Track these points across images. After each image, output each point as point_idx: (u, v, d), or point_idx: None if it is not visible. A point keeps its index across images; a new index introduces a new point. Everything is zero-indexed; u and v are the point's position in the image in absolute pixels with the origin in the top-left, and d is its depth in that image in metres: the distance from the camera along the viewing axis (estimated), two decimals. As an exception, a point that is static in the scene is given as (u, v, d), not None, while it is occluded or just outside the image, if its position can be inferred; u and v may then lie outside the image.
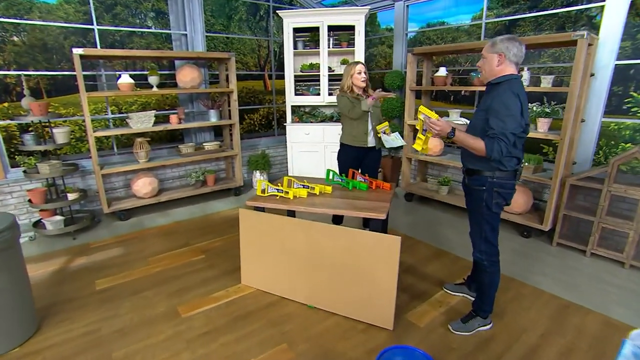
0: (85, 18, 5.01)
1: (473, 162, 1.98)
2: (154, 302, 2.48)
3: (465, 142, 1.85)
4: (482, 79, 1.97)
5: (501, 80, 1.85)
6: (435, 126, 1.88)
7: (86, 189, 4.01)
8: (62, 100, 5.11)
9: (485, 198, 1.96)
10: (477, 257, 2.12)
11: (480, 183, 1.97)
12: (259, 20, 6.53)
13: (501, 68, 1.85)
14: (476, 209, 2.04)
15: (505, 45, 1.82)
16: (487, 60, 1.89)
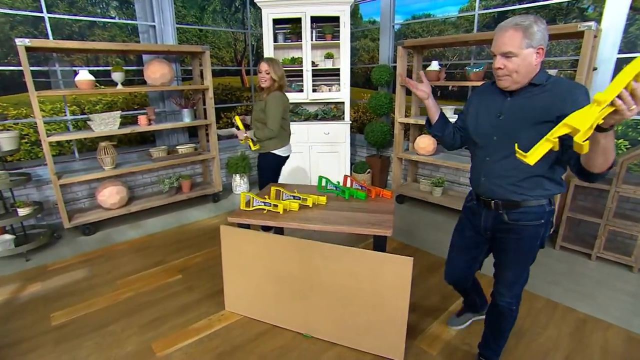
0: (35, 5, 4.46)
1: (518, 190, 1.46)
2: (123, 339, 2.11)
3: (610, 144, 1.14)
4: (508, 83, 1.39)
5: (546, 77, 1.37)
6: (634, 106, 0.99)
7: (42, 201, 3.54)
8: (11, 99, 4.55)
9: (542, 234, 1.53)
10: (507, 303, 1.64)
11: (536, 217, 1.49)
12: (234, 11, 6.11)
13: (537, 66, 1.37)
14: (526, 251, 1.56)
15: (543, 35, 1.32)
16: (520, 59, 1.33)
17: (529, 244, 1.53)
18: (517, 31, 1.30)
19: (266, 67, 2.78)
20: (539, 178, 1.43)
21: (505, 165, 1.46)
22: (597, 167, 1.20)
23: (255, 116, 2.92)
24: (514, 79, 1.37)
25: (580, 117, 0.99)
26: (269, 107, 2.79)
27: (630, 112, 0.97)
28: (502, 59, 1.36)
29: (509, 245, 1.57)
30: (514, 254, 1.57)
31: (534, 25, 1.30)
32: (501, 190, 1.49)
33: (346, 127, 4.33)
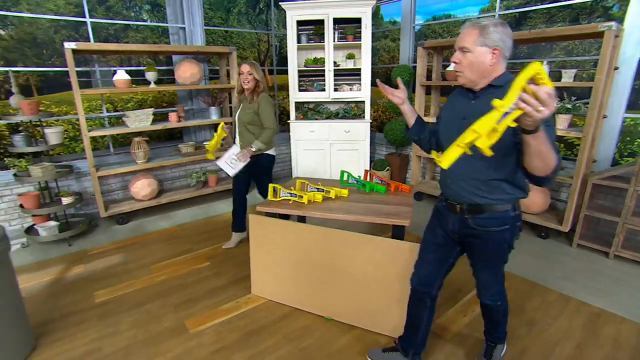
0: (76, 11, 4.77)
1: (482, 193, 1.45)
2: (159, 316, 2.31)
3: (543, 147, 1.16)
4: (462, 80, 1.43)
5: (505, 81, 1.37)
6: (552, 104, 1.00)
7: (82, 191, 3.81)
8: (54, 97, 4.87)
9: (509, 238, 1.53)
10: (490, 300, 1.69)
11: (500, 223, 1.49)
12: (258, 13, 6.31)
13: (494, 67, 1.37)
14: (492, 254, 1.59)
15: (500, 37, 1.34)
16: (474, 55, 1.36)
17: (495, 248, 1.56)
18: (475, 29, 1.36)
19: (248, 69, 2.77)
20: (499, 182, 1.43)
21: (467, 167, 1.44)
22: (538, 171, 1.24)
23: (247, 119, 2.85)
24: (467, 76, 1.41)
25: (482, 122, 1.04)
26: (264, 108, 2.83)
27: (540, 113, 1.00)
28: (459, 54, 1.41)
29: (476, 250, 1.61)
30: (482, 258, 1.62)
31: (491, 26, 1.34)
32: (464, 193, 1.49)
33: (366, 125, 4.45)
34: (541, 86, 0.99)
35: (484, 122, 1.04)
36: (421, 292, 1.75)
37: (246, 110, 2.86)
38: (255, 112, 2.84)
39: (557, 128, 3.15)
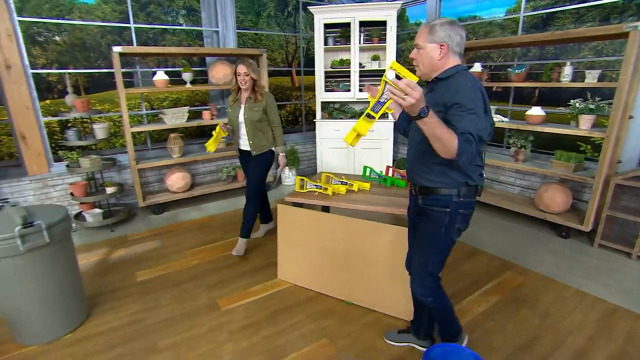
0: (121, 17, 5.12)
1: (430, 177, 1.58)
2: (194, 295, 2.54)
3: (436, 129, 1.29)
4: (419, 74, 1.56)
5: (452, 73, 1.50)
6: (413, 92, 1.20)
7: (122, 183, 4.13)
8: (98, 97, 5.28)
9: (447, 223, 1.60)
10: (418, 293, 1.73)
11: (443, 204, 1.58)
12: (287, 16, 6.53)
13: (443, 61, 1.51)
14: (431, 236, 1.65)
15: (447, 33, 1.47)
16: (425, 51, 1.51)
17: (432, 227, 1.63)
18: (426, 28, 1.51)
19: (245, 70, 2.74)
20: (442, 166, 1.53)
21: (416, 152, 1.61)
22: (443, 153, 1.35)
23: (257, 117, 2.86)
24: (421, 69, 1.56)
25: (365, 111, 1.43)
26: (272, 106, 2.91)
27: (405, 101, 1.22)
28: (415, 50, 1.55)
29: (418, 227, 1.71)
30: (420, 237, 1.71)
31: (438, 25, 1.48)
32: (416, 176, 1.63)
33: (390, 125, 4.57)
34: (402, 79, 1.24)
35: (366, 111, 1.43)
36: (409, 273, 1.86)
37: (254, 109, 2.86)
38: (263, 109, 2.88)
39: (581, 128, 3.19)
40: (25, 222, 1.87)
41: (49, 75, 4.75)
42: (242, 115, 2.89)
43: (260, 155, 2.99)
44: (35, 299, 2.01)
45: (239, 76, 2.78)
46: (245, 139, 2.96)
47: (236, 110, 2.92)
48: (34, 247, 1.90)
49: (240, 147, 3.05)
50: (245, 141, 2.97)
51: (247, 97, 2.86)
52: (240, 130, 2.96)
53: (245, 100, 2.87)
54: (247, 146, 2.97)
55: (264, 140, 2.98)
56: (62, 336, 2.14)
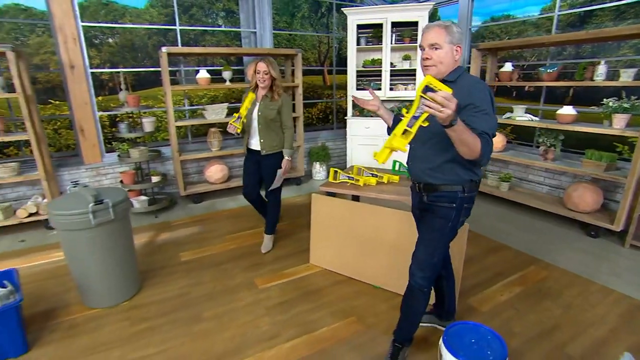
0: (166, 19, 5.48)
1: (435, 174, 1.64)
2: (233, 274, 2.77)
3: (465, 135, 1.35)
4: (434, 73, 1.56)
5: (459, 74, 1.58)
6: (451, 104, 1.22)
7: (165, 173, 4.46)
8: (142, 93, 5.66)
9: (453, 217, 1.67)
10: (418, 284, 1.75)
11: (449, 200, 1.65)
12: (320, 17, 6.73)
13: (456, 62, 1.59)
14: (437, 230, 1.71)
15: (459, 37, 1.56)
16: (445, 51, 1.55)
17: (439, 223, 1.69)
18: (441, 28, 1.54)
19: (265, 68, 2.69)
20: (452, 164, 1.59)
21: (424, 151, 1.65)
22: (467, 155, 1.41)
23: (271, 116, 2.80)
24: (438, 69, 1.57)
25: (398, 126, 1.38)
26: (287, 107, 2.86)
27: (443, 113, 1.22)
28: (430, 50, 1.56)
29: (424, 221, 1.77)
30: (426, 231, 1.75)
31: (453, 26, 1.54)
32: (421, 174, 1.68)
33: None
34: (438, 92, 1.24)
35: (398, 127, 1.38)
36: None
37: (269, 107, 2.79)
38: (278, 109, 2.82)
39: (614, 127, 3.19)
40: (97, 200, 2.15)
41: (101, 74, 5.16)
42: (256, 112, 2.81)
43: (272, 156, 2.90)
44: (101, 268, 2.30)
45: (258, 74, 2.72)
46: (256, 138, 2.87)
47: (252, 107, 2.82)
48: (102, 222, 2.19)
49: (251, 146, 2.93)
50: (256, 140, 2.87)
51: (264, 95, 2.81)
52: (252, 128, 2.87)
53: (262, 97, 2.81)
54: (258, 145, 2.87)
55: (276, 141, 2.89)
56: (120, 303, 2.43)
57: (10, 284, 2.06)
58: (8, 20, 4.52)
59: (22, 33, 4.87)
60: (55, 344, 2.09)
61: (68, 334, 2.17)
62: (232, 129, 2.71)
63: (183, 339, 2.11)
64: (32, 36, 4.94)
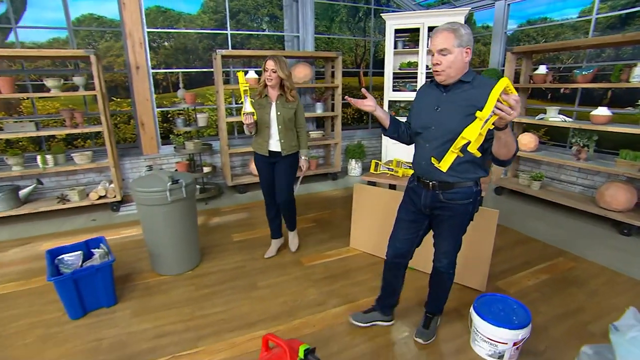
0: (216, 24, 5.93)
1: (452, 172, 1.66)
2: (282, 254, 3.10)
3: (509, 138, 1.44)
4: (443, 77, 1.61)
5: (474, 75, 1.63)
6: (518, 105, 1.28)
7: (214, 165, 4.88)
8: (192, 92, 6.11)
9: (471, 210, 1.79)
10: (445, 268, 1.93)
11: (465, 197, 1.74)
12: (358, 21, 7.02)
13: (467, 64, 1.62)
14: (457, 224, 1.82)
15: (469, 38, 1.57)
16: (454, 55, 1.56)
17: (460, 219, 1.80)
18: (450, 33, 1.55)
19: (272, 66, 2.56)
20: (470, 164, 1.68)
21: (443, 151, 1.51)
22: (503, 156, 1.52)
23: (289, 116, 2.72)
24: (448, 74, 1.60)
25: (470, 130, 1.30)
26: (301, 108, 2.82)
27: (511, 116, 1.27)
28: (439, 56, 1.58)
29: (444, 220, 1.83)
30: (448, 228, 1.83)
31: (461, 29, 1.55)
32: (439, 172, 1.61)
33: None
34: (511, 95, 1.25)
35: (472, 130, 1.31)
36: (396, 262, 2.05)
37: (287, 107, 2.71)
38: (295, 110, 2.76)
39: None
40: (173, 181, 2.54)
41: (156, 74, 5.67)
42: (275, 112, 2.69)
43: (291, 157, 2.82)
44: (171, 240, 2.68)
45: (265, 72, 2.59)
46: (275, 139, 2.75)
47: (266, 107, 2.70)
48: (175, 200, 2.57)
49: (270, 147, 2.78)
50: (276, 141, 2.75)
51: (278, 94, 2.70)
52: (271, 129, 2.73)
53: (277, 97, 2.70)
54: (277, 146, 2.76)
55: (294, 141, 2.82)
56: (185, 271, 2.81)
57: (104, 247, 2.48)
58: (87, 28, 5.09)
59: (94, 39, 5.47)
60: (136, 300, 2.49)
61: (145, 293, 2.57)
62: (249, 119, 2.60)
63: (242, 302, 2.45)
64: (102, 41, 5.52)
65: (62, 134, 4.92)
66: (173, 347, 2.05)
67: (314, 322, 2.23)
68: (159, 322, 2.26)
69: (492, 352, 1.86)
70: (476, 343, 1.93)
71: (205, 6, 5.98)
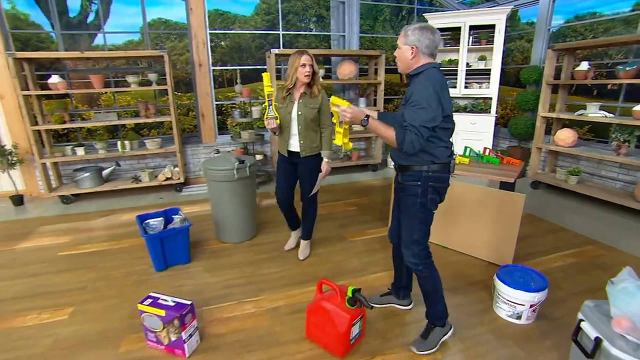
0: (267, 25, 6.40)
1: (405, 158, 1.82)
2: (328, 229, 3.51)
3: (378, 130, 1.75)
4: (399, 70, 1.86)
5: (419, 71, 1.75)
6: (346, 113, 1.75)
7: (265, 153, 5.36)
8: (247, 87, 6.63)
9: (420, 194, 1.83)
10: (410, 262, 1.93)
11: (414, 178, 1.83)
12: (400, 19, 7.26)
13: (415, 60, 1.76)
14: (409, 207, 1.88)
15: (416, 37, 1.72)
16: (401, 51, 1.78)
17: (410, 201, 1.87)
18: (402, 32, 1.79)
19: (310, 60, 2.48)
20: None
21: None
22: (390, 144, 1.77)
23: (312, 115, 2.59)
24: (399, 66, 1.85)
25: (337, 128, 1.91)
26: (326, 105, 2.61)
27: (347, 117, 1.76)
28: (397, 50, 1.82)
29: (399, 202, 1.98)
30: (403, 210, 1.94)
31: (409, 30, 1.75)
32: (396, 157, 1.91)
33: (491, 119, 5.01)
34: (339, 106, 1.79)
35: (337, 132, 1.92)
36: (395, 244, 2.20)
37: (310, 105, 2.57)
38: (319, 108, 2.60)
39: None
40: (240, 161, 3.00)
41: (214, 71, 6.25)
42: (296, 112, 2.60)
43: (311, 158, 2.71)
44: (234, 212, 3.16)
45: (303, 67, 2.46)
46: (295, 139, 2.66)
47: (288, 106, 2.62)
48: (240, 177, 3.03)
49: (290, 147, 2.72)
50: (296, 141, 2.66)
51: (302, 92, 2.58)
52: (292, 129, 2.65)
53: (300, 95, 2.59)
54: (297, 147, 2.67)
55: (315, 142, 2.69)
56: (244, 241, 3.29)
57: (182, 214, 3.00)
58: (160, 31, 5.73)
59: (161, 40, 6.14)
60: (205, 261, 2.98)
61: (212, 256, 3.06)
62: (272, 124, 2.59)
63: (294, 266, 2.87)
64: (167, 42, 6.18)
65: (131, 124, 5.62)
66: (239, 295, 2.51)
67: (356, 284, 2.59)
68: (225, 277, 2.74)
69: (511, 313, 2.14)
70: (497, 305, 2.22)
71: (259, 8, 6.51)
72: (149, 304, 1.94)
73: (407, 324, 2.20)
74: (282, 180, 2.88)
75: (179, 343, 1.92)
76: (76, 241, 3.39)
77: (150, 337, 2.00)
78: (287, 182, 2.88)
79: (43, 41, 5.58)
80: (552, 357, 1.92)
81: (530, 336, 2.07)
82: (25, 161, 4.52)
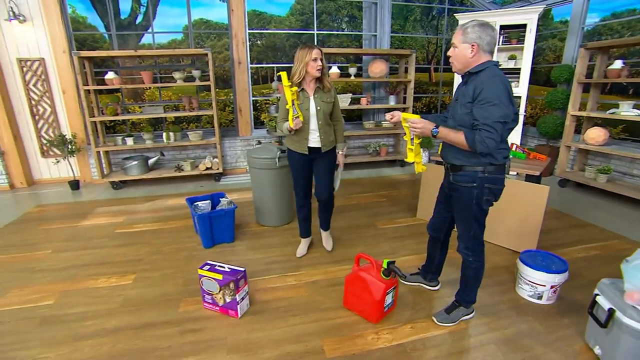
0: (301, 25, 6.66)
1: (458, 156, 1.83)
2: (359, 218, 3.75)
3: (449, 137, 1.74)
4: (454, 69, 1.83)
5: (481, 69, 1.72)
6: (416, 125, 1.76)
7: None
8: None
9: (476, 195, 1.83)
10: (463, 252, 2.01)
11: (469, 180, 1.82)
12: (430, 19, 7.38)
13: (476, 58, 1.73)
14: (464, 208, 1.90)
15: (477, 35, 1.70)
16: (459, 50, 1.76)
17: (465, 203, 1.88)
18: (460, 30, 1.77)
19: (320, 54, 2.44)
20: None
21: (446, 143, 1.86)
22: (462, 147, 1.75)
23: (328, 109, 2.59)
24: (456, 65, 1.82)
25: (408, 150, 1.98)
26: (338, 100, 2.69)
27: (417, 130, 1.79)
28: (452, 48, 1.82)
29: (453, 202, 2.01)
30: (457, 211, 1.99)
31: (469, 27, 1.72)
32: (448, 156, 1.91)
33: (520, 117, 5.08)
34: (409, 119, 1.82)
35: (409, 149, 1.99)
36: (433, 236, 2.33)
37: (326, 100, 2.56)
38: (333, 101, 2.62)
39: None
40: (282, 150, 3.28)
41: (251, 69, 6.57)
42: (314, 107, 2.55)
43: (330, 152, 2.73)
44: (274, 198, 3.44)
45: (314, 62, 2.41)
46: (315, 134, 2.61)
47: (304, 102, 2.53)
48: (281, 166, 3.31)
49: (310, 144, 2.64)
50: (316, 136, 2.62)
51: (316, 86, 2.55)
52: (311, 125, 2.59)
53: (315, 90, 2.54)
54: (318, 142, 2.63)
55: (332, 135, 2.71)
56: (282, 224, 3.58)
57: (227, 198, 3.31)
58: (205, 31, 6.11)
59: (201, 39, 6.52)
60: (248, 240, 3.28)
61: (253, 237, 3.36)
62: (299, 123, 2.48)
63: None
64: (207, 41, 6.56)
65: (173, 117, 6.02)
66: (281, 270, 2.79)
67: (387, 265, 2.82)
68: (267, 255, 3.02)
69: (532, 293, 2.30)
70: (519, 286, 2.39)
71: (293, 9, 6.80)
72: (208, 269, 2.24)
73: (434, 299, 2.41)
74: (302, 180, 2.82)
75: (233, 304, 2.20)
76: (129, 221, 3.77)
77: (207, 299, 2.30)
78: (307, 182, 2.84)
79: (97, 41, 6.06)
80: (570, 332, 2.08)
81: (550, 314, 2.23)
82: (81, 150, 4.99)
